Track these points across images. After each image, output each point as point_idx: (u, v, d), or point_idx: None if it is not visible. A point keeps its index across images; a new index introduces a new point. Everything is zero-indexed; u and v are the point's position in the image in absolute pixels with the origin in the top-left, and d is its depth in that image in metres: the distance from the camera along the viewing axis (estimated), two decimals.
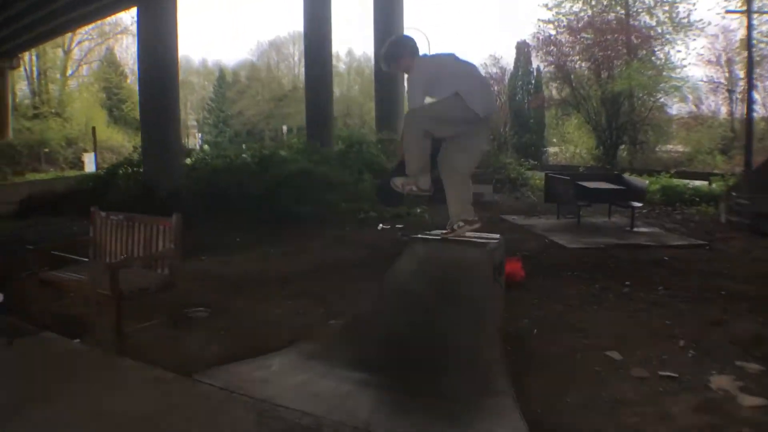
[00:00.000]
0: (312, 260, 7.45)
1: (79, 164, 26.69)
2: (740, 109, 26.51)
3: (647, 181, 12.46)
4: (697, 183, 16.18)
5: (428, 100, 3.93)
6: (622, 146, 25.01)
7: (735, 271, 6.79)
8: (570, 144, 28.49)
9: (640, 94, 24.54)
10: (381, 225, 10.34)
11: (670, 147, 28.03)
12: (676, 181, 16.25)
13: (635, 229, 9.59)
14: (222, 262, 7.35)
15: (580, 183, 9.99)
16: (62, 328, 4.69)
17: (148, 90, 12.31)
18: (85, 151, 26.49)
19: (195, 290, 5.91)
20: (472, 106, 3.70)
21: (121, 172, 13.80)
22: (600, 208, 10.87)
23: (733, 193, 10.65)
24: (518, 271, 6.03)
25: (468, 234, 4.18)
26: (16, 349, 4.21)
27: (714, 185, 15.93)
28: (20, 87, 32.76)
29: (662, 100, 25.41)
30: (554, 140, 30.55)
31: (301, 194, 11.61)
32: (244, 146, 16.55)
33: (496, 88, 29.82)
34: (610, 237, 8.89)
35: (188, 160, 14.87)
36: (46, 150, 26.73)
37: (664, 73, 23.83)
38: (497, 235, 4.35)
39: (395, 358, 3.69)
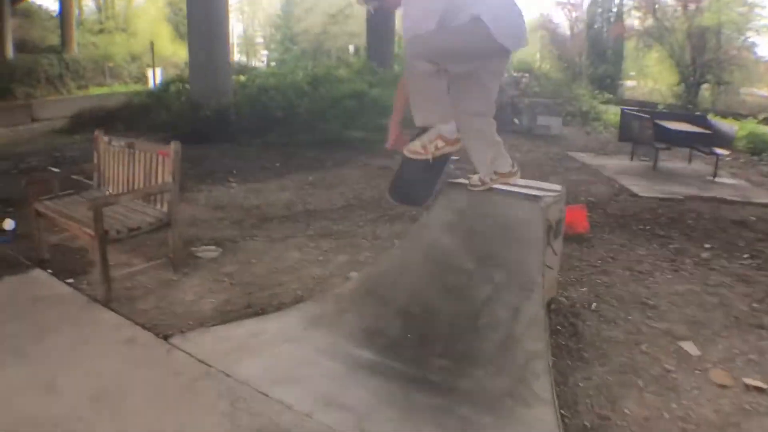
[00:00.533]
0: (349, 193, 6.75)
1: (143, 79, 26.61)
2: None
3: (736, 127, 10.94)
4: None
5: None
6: (705, 85, 23.23)
7: None
8: (649, 78, 26.42)
9: (729, 31, 22.44)
10: None
11: (755, 90, 26.07)
12: (763, 128, 14.62)
13: (717, 180, 8.39)
14: (252, 190, 6.75)
15: (660, 123, 8.76)
16: (62, 264, 4.25)
17: (194, 2, 11.56)
18: (149, 66, 26.36)
19: (212, 223, 5.37)
20: (499, 38, 2.66)
21: (172, 88, 13.38)
22: (679, 151, 9.62)
23: None
24: (582, 221, 5.15)
25: (521, 183, 3.35)
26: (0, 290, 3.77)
27: None
28: (86, 3, 32.68)
29: (751, 39, 23.18)
30: (632, 73, 28.34)
31: (351, 118, 10.88)
32: (309, 66, 15.73)
33: (574, 14, 27.73)
34: (690, 187, 7.75)
35: (241, 78, 14.23)
36: (111, 64, 26.67)
37: (756, 11, 21.60)
38: (557, 187, 3.49)
39: (414, 337, 3.00)
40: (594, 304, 3.73)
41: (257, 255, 4.55)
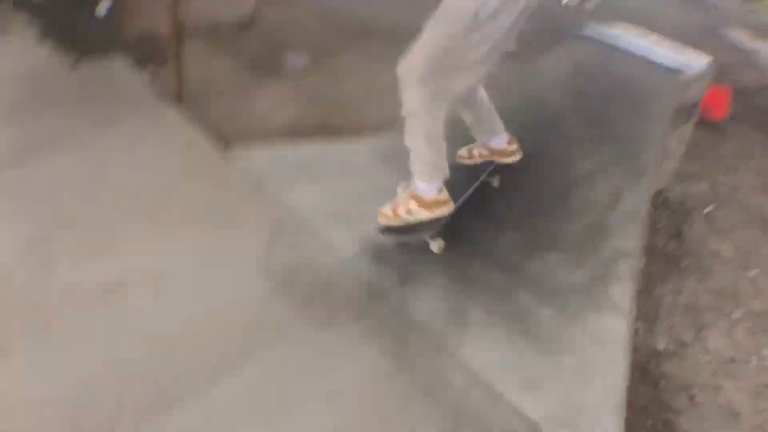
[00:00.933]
0: None
1: None
2: None
3: None
4: None
5: None
6: None
7: None
8: None
9: None
10: None
11: None
12: None
13: None
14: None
15: None
16: (144, 54, 4.04)
17: None
18: None
19: (310, 29, 4.95)
20: None
21: None
22: None
23: None
24: (723, 106, 4.36)
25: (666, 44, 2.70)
26: (76, 74, 3.63)
27: None
28: None
29: None
30: None
31: None
32: None
33: None
34: None
35: None
36: None
37: None
38: (706, 60, 2.82)
39: (496, 194, 2.62)
40: (709, 208, 3.16)
41: (348, 71, 4.16)
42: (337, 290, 2.15)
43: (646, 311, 2.32)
